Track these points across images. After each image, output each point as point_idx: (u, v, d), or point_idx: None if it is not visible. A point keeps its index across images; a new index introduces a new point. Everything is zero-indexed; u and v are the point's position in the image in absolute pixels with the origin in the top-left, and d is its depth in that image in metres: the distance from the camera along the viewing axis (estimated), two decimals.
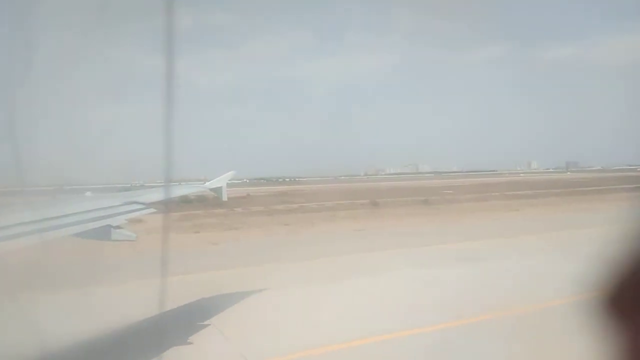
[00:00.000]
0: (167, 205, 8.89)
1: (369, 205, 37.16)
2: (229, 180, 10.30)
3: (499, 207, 33.67)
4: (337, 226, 25.44)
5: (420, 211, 32.28)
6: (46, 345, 6.67)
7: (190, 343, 7.98)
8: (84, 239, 7.29)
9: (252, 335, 8.52)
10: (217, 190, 9.91)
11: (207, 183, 10.20)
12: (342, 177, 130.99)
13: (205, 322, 9.05)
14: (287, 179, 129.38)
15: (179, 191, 8.76)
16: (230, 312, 9.71)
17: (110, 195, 8.57)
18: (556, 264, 12.45)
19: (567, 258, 11.64)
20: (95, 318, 8.39)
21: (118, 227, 7.50)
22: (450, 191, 50.33)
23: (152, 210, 7.81)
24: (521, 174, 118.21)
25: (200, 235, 22.74)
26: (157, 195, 8.03)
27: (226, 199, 10.92)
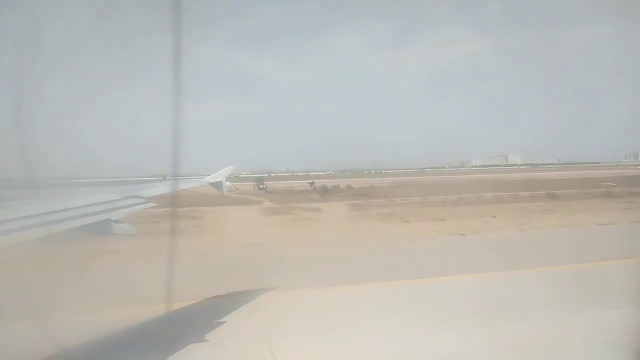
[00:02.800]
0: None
1: (546, 198, 38.21)
2: (232, 175, 10.38)
3: None
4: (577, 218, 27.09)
5: (610, 205, 32.88)
6: None
7: None
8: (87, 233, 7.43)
9: None
10: (217, 185, 9.98)
11: (207, 178, 10.29)
12: (428, 170, 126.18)
13: None
14: (373, 172, 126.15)
15: (179, 186, 8.84)
16: None
17: (112, 190, 8.63)
18: None
19: None
20: None
21: (118, 221, 7.61)
22: (613, 183, 49.09)
23: (152, 204, 7.90)
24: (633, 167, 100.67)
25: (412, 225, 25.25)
26: (157, 190, 8.12)
27: (227, 193, 11.03)
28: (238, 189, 64.98)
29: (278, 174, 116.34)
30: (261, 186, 66.43)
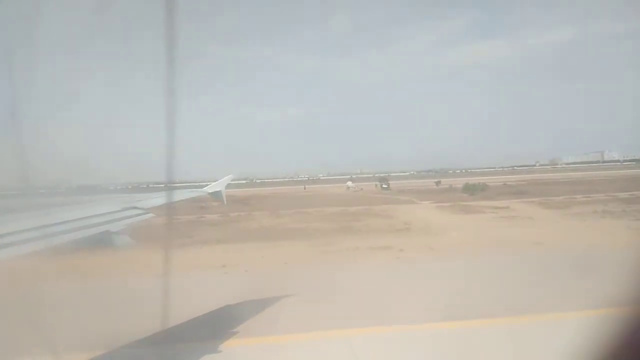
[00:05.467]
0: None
1: None
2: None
3: None
4: None
5: None
6: None
7: None
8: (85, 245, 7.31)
9: None
10: (216, 194, 9.80)
11: (206, 187, 10.12)
12: (517, 168, 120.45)
13: None
14: (457, 171, 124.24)
15: (178, 196, 8.68)
16: None
17: (111, 200, 8.50)
18: None
19: None
20: None
21: (117, 233, 7.48)
22: None
23: (151, 215, 7.74)
24: None
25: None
26: (156, 201, 7.96)
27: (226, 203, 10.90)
28: (362, 189, 65.31)
29: (359, 175, 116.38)
30: (384, 185, 66.72)
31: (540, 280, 12.88)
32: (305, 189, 77.98)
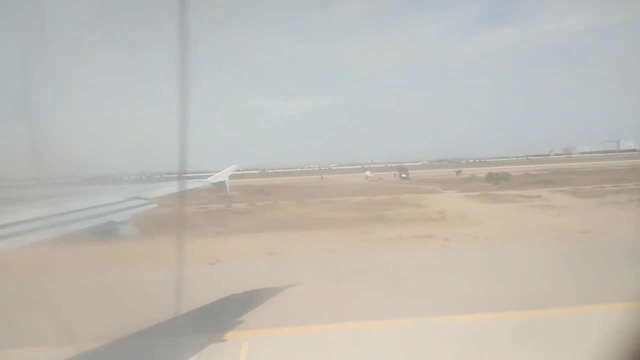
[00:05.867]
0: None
1: None
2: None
3: None
4: None
5: None
6: None
7: None
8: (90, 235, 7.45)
9: None
10: (220, 184, 9.80)
11: (210, 177, 10.15)
12: (532, 158, 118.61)
13: None
14: (471, 161, 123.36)
15: (183, 186, 8.70)
16: None
17: (117, 190, 8.64)
18: None
19: None
20: None
21: (122, 223, 7.57)
22: None
23: (155, 205, 7.79)
24: None
25: None
26: (160, 191, 8.00)
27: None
28: (381, 178, 65.95)
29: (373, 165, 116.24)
30: (403, 175, 66.94)
31: (614, 267, 12.39)
32: (322, 178, 77.87)
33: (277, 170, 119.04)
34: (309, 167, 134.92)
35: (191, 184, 9.29)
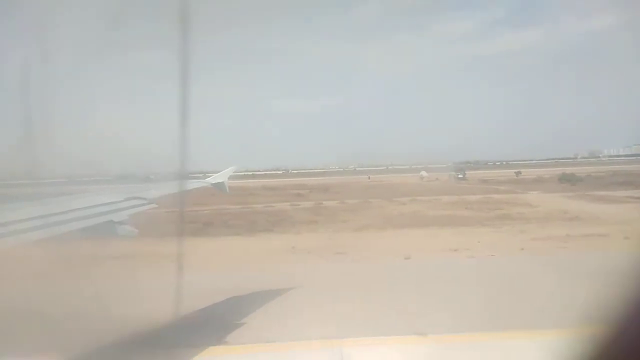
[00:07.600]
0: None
1: None
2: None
3: None
4: None
5: None
6: None
7: None
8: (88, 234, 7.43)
9: None
10: (219, 185, 9.56)
11: (209, 178, 9.97)
12: (559, 160, 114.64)
13: None
14: (498, 163, 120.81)
15: (182, 187, 8.48)
16: None
17: (115, 190, 8.60)
18: None
19: None
20: None
21: (120, 222, 7.48)
22: None
23: (154, 205, 7.62)
24: None
25: None
26: (159, 191, 7.83)
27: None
28: (437, 179, 64.49)
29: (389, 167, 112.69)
30: (459, 175, 65.10)
31: None
32: (369, 178, 74.15)
33: (301, 171, 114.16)
34: (329, 168, 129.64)
35: (192, 185, 9.12)
